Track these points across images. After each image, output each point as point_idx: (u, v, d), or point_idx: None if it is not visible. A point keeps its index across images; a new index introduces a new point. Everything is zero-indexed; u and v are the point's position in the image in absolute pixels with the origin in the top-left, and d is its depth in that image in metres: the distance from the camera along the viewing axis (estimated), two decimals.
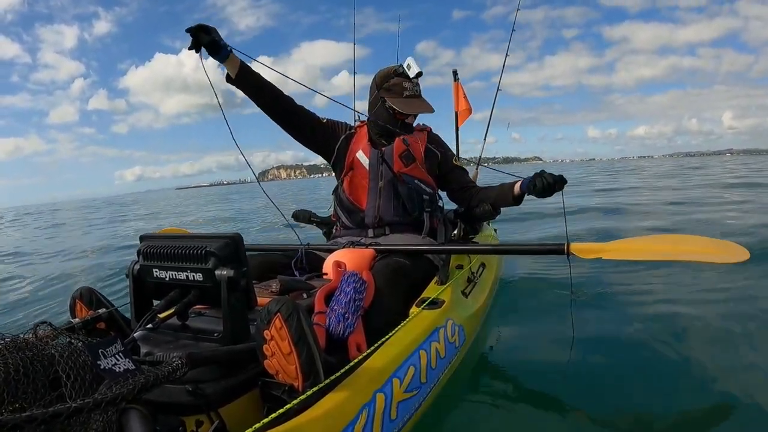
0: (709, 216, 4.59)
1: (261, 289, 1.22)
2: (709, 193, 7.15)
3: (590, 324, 1.87)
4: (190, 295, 0.95)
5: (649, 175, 16.08)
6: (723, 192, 7.32)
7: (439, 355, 1.17)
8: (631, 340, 1.71)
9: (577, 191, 9.12)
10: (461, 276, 1.61)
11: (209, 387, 0.80)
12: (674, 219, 4.56)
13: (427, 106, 1.66)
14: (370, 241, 1.64)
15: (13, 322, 2.51)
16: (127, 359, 0.70)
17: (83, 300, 1.05)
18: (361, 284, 1.10)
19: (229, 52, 1.45)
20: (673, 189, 8.76)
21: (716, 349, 1.61)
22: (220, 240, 0.92)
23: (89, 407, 0.58)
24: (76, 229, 10.51)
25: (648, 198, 7.46)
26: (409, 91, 1.62)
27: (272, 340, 0.80)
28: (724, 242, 1.36)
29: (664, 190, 8.78)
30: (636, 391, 1.32)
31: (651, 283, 2.38)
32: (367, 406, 0.86)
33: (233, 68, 1.51)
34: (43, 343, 0.69)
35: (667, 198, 7.00)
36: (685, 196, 7.04)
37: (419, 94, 1.64)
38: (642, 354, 1.59)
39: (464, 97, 2.90)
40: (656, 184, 10.74)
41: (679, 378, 1.39)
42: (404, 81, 1.62)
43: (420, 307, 1.27)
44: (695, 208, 5.36)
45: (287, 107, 1.63)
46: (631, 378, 1.40)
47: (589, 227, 4.21)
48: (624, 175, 16.84)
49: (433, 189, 1.72)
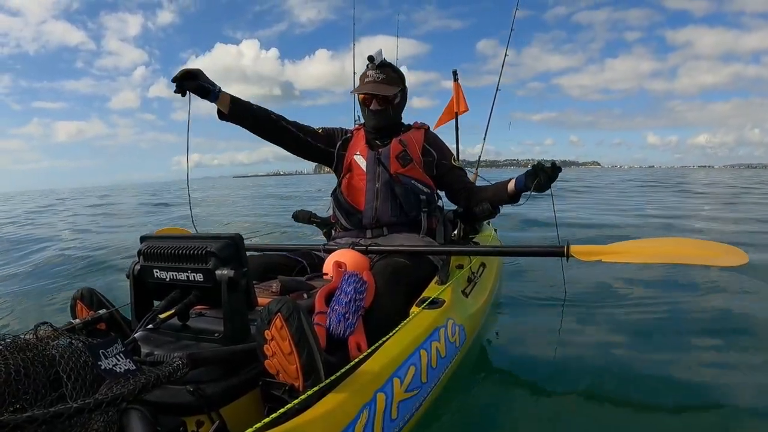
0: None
1: (261, 289, 1.22)
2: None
3: (590, 324, 1.88)
4: (190, 296, 0.96)
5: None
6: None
7: (440, 355, 1.17)
8: (631, 339, 1.72)
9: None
10: (461, 276, 1.61)
11: (210, 387, 0.80)
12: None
13: (381, 89, 1.65)
14: (369, 241, 1.64)
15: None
16: (128, 360, 0.70)
17: (84, 300, 1.05)
18: (361, 284, 1.10)
19: (218, 93, 1.47)
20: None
21: (712, 346, 1.62)
22: (221, 240, 0.92)
23: (90, 407, 0.58)
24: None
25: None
26: (370, 78, 1.67)
27: (273, 340, 0.80)
28: (724, 246, 1.36)
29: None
30: (636, 391, 1.33)
31: (651, 283, 2.39)
32: (368, 406, 0.86)
33: (224, 106, 1.52)
34: (44, 344, 0.69)
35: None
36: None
37: (379, 79, 1.66)
38: (642, 353, 1.59)
39: (463, 98, 2.90)
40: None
41: (678, 376, 1.40)
42: (369, 69, 1.68)
43: (420, 307, 1.26)
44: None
45: (282, 129, 1.66)
46: (632, 377, 1.40)
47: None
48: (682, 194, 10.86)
49: (430, 189, 1.72)
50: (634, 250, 1.39)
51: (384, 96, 1.66)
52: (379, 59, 1.67)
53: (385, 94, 1.65)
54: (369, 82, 1.66)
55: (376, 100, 1.67)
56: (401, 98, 1.73)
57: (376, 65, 1.67)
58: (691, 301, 2.11)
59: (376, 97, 1.66)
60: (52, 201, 17.29)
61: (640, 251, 1.38)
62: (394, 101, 1.69)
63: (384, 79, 1.66)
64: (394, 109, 1.71)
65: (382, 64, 1.67)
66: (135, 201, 14.44)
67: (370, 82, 1.66)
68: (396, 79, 1.69)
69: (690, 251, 1.36)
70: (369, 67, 1.68)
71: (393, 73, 1.69)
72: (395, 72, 1.70)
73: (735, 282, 2.32)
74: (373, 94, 1.66)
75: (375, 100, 1.67)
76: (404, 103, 1.76)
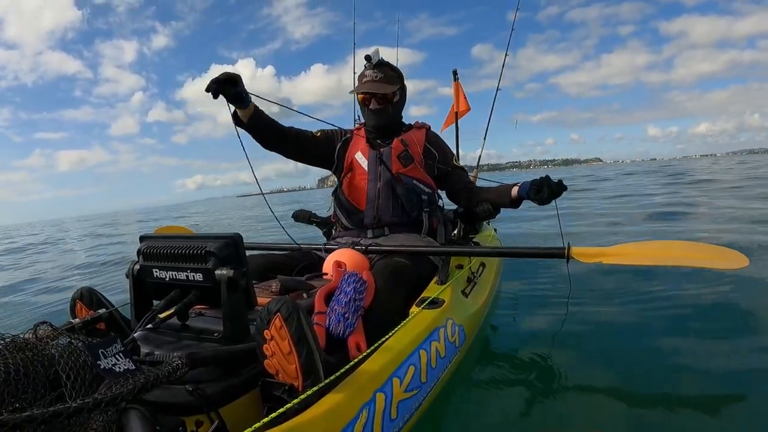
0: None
1: (261, 289, 1.22)
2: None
3: (591, 323, 1.88)
4: (190, 295, 0.96)
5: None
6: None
7: (439, 355, 1.17)
8: (632, 339, 1.71)
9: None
10: (461, 276, 1.61)
11: (209, 387, 0.80)
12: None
13: (379, 88, 1.64)
14: (370, 241, 1.64)
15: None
16: (127, 359, 0.70)
17: (83, 300, 1.05)
18: (361, 284, 1.10)
19: (250, 102, 1.47)
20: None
21: (711, 345, 1.62)
22: (220, 240, 0.91)
23: (89, 407, 0.58)
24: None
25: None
26: (368, 77, 1.66)
27: (272, 339, 0.80)
28: (725, 249, 1.36)
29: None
30: (638, 390, 1.32)
31: (653, 282, 2.39)
32: (367, 406, 0.86)
33: (248, 114, 1.52)
34: (44, 343, 0.69)
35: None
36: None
37: (377, 78, 1.66)
38: (644, 353, 1.59)
39: (464, 97, 2.91)
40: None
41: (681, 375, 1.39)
42: (366, 69, 1.68)
43: (420, 307, 1.26)
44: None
45: (285, 136, 1.66)
46: (633, 377, 1.40)
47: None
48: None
49: (431, 189, 1.72)
50: (635, 252, 1.38)
51: (383, 94, 1.66)
52: (377, 58, 1.67)
53: (384, 92, 1.65)
54: (367, 82, 1.66)
55: (375, 99, 1.66)
56: (400, 96, 1.72)
57: (374, 64, 1.67)
58: (694, 299, 2.11)
59: (375, 96, 1.66)
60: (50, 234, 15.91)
61: (641, 253, 1.38)
62: (393, 99, 1.69)
63: (382, 78, 1.66)
64: (393, 107, 1.70)
65: (379, 63, 1.67)
66: (137, 228, 13.71)
67: (368, 82, 1.66)
68: (394, 78, 1.68)
69: (691, 254, 1.36)
70: (367, 67, 1.68)
71: (391, 71, 1.69)
72: (393, 70, 1.70)
73: (741, 281, 2.31)
74: (372, 93, 1.66)
75: (374, 99, 1.67)
76: (404, 101, 1.76)
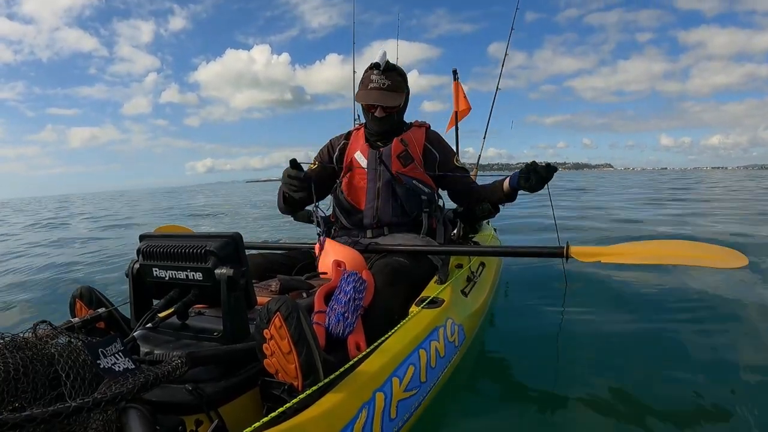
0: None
1: (260, 288, 1.22)
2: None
3: (590, 323, 1.88)
4: (189, 295, 0.95)
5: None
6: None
7: (439, 355, 1.17)
8: (632, 339, 1.72)
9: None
10: (461, 275, 1.61)
11: (209, 386, 0.80)
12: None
13: (387, 99, 1.60)
14: (369, 241, 1.64)
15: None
16: (127, 358, 0.70)
17: (83, 299, 1.05)
18: (360, 283, 1.10)
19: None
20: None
21: (710, 345, 1.62)
22: (220, 239, 0.91)
23: (89, 406, 0.58)
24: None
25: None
26: (375, 83, 1.61)
27: (272, 339, 0.80)
28: (724, 248, 1.36)
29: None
30: (637, 391, 1.33)
31: (653, 281, 2.39)
32: (367, 405, 0.86)
33: (303, 195, 1.52)
34: (43, 343, 0.69)
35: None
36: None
37: (385, 86, 1.60)
38: (643, 353, 1.59)
39: (464, 97, 2.90)
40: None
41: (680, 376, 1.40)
42: (372, 73, 1.62)
43: (420, 307, 1.26)
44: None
45: (311, 195, 1.58)
46: (633, 377, 1.40)
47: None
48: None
49: (431, 189, 1.71)
50: (633, 251, 1.39)
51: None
52: (383, 62, 1.61)
53: (392, 105, 1.61)
54: (374, 89, 1.61)
55: (380, 107, 1.62)
56: (405, 102, 1.69)
57: (381, 69, 1.60)
58: (694, 299, 2.11)
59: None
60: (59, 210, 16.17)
61: (640, 252, 1.38)
62: (398, 106, 1.65)
63: (389, 86, 1.60)
64: (398, 114, 1.68)
65: (387, 68, 1.61)
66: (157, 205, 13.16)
67: (375, 89, 1.60)
68: (401, 84, 1.63)
69: (689, 253, 1.36)
70: (373, 70, 1.62)
71: (398, 77, 1.63)
72: (400, 75, 1.64)
73: (742, 281, 2.31)
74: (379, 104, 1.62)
75: (380, 107, 1.62)
76: (407, 104, 1.73)
